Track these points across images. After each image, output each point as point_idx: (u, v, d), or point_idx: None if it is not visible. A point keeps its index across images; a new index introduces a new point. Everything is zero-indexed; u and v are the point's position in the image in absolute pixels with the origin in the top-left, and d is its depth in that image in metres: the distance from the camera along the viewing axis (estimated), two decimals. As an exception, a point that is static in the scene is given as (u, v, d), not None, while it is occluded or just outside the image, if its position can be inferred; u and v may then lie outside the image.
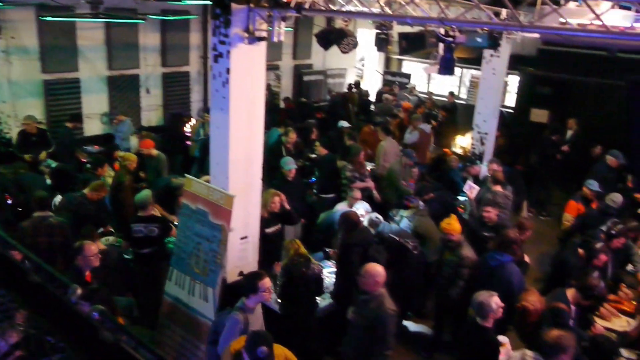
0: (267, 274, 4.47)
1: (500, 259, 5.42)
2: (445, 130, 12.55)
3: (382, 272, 4.57)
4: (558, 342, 3.80)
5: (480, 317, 4.41)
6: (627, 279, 6.26)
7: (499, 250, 5.53)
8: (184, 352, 5.47)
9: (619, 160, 8.46)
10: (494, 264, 5.44)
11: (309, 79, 15.50)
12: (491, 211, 6.51)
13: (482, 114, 9.32)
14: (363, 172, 8.30)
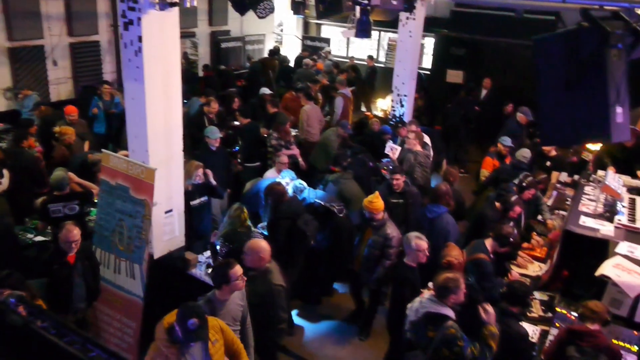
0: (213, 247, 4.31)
1: (437, 211, 5.96)
2: (364, 93, 12.70)
3: (266, 247, 4.53)
4: (445, 284, 4.05)
5: (406, 256, 4.93)
6: (538, 227, 6.70)
7: (433, 202, 6.06)
8: (114, 332, 5.34)
9: (528, 117, 8.94)
10: (432, 216, 5.97)
11: (227, 46, 15.09)
12: (399, 178, 6.38)
13: (400, 77, 9.49)
14: (289, 140, 8.28)
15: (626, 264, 4.60)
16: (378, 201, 5.52)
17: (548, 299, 5.27)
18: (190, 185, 5.92)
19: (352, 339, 6.04)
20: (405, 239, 4.99)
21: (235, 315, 4.30)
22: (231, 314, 4.24)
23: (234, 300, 4.25)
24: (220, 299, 4.14)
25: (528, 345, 4.35)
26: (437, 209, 5.98)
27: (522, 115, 8.95)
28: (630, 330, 4.41)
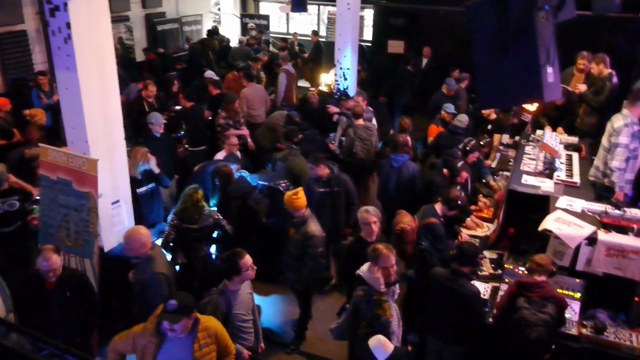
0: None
1: (401, 159, 6.53)
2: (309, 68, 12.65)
3: (145, 232, 4.47)
4: (373, 253, 4.10)
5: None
6: (484, 189, 6.91)
7: (395, 152, 6.59)
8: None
9: (451, 88, 9.01)
10: (398, 165, 6.52)
11: (164, 28, 14.65)
12: (323, 168, 6.02)
13: (342, 50, 9.49)
14: (238, 120, 8.18)
15: (566, 217, 4.83)
16: (301, 197, 5.14)
17: (497, 257, 5.48)
18: (139, 173, 5.80)
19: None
20: (359, 219, 4.95)
21: (249, 305, 4.30)
22: (245, 304, 4.24)
23: (245, 290, 4.26)
24: (232, 289, 4.12)
25: (480, 302, 4.53)
26: (400, 157, 6.56)
27: (445, 87, 9.07)
28: (572, 279, 4.66)
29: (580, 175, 5.82)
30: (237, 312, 4.15)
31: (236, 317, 4.16)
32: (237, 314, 4.16)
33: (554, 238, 4.69)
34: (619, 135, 5.64)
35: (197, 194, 5.29)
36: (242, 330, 4.24)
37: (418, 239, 5.24)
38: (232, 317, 4.12)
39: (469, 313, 4.28)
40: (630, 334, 4.42)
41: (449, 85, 8.99)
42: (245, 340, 4.27)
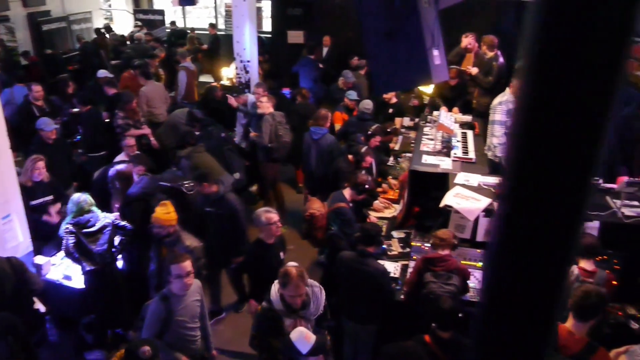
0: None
1: (320, 132, 6.80)
2: (209, 62, 12.41)
3: None
4: (283, 278, 3.85)
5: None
6: (390, 171, 7.15)
7: (316, 125, 6.85)
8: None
9: (348, 80, 9.18)
10: (317, 137, 6.79)
11: (50, 27, 13.75)
12: (210, 186, 5.50)
13: (240, 42, 9.39)
14: (137, 119, 7.86)
15: (464, 192, 5.11)
16: (171, 211, 4.72)
17: (405, 235, 5.70)
18: (30, 182, 5.44)
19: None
20: (255, 216, 4.78)
21: (194, 312, 4.14)
22: (189, 311, 4.08)
23: (192, 296, 4.09)
24: (177, 294, 3.98)
25: (388, 279, 4.68)
26: (319, 130, 6.83)
27: (342, 79, 9.18)
28: (474, 250, 4.94)
29: (475, 152, 6.16)
30: (179, 319, 4.01)
31: (178, 323, 4.02)
32: (180, 321, 4.02)
33: (454, 213, 4.94)
34: (495, 112, 6.04)
35: (88, 200, 5.04)
36: (185, 338, 4.11)
37: (328, 224, 5.33)
38: (173, 323, 3.98)
39: (378, 291, 4.43)
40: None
41: (346, 78, 9.07)
42: (189, 349, 4.14)
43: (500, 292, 0.77)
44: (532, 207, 0.70)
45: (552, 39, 0.64)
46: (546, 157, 0.68)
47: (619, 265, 4.65)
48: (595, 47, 0.62)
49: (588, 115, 0.65)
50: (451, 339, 3.54)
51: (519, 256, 0.74)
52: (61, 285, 5.30)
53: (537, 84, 0.67)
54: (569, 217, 0.70)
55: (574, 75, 0.64)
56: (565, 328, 3.30)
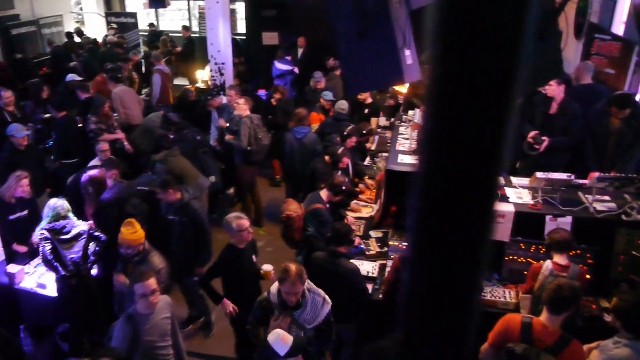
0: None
1: (303, 131, 7.02)
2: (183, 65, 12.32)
3: None
4: (283, 274, 3.90)
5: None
6: (367, 171, 7.17)
7: (298, 124, 7.05)
8: None
9: (317, 80, 9.19)
10: (300, 136, 6.98)
11: (19, 32, 13.47)
12: (173, 194, 5.37)
13: (214, 45, 9.33)
14: (111, 124, 7.76)
15: (440, 190, 5.14)
16: (138, 229, 4.59)
17: (382, 235, 5.72)
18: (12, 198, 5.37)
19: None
20: (225, 223, 4.69)
21: (164, 331, 4.02)
22: (158, 330, 3.97)
23: (160, 314, 3.97)
24: (140, 312, 3.84)
25: (360, 278, 4.66)
26: (302, 129, 7.02)
27: (312, 80, 9.15)
28: (451, 247, 4.98)
29: (450, 150, 6.21)
30: (148, 339, 3.90)
31: (147, 343, 3.91)
32: (149, 341, 3.91)
33: (430, 211, 4.97)
34: None
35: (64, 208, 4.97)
36: (156, 358, 4.01)
37: (305, 225, 5.33)
38: (142, 343, 3.87)
39: (351, 290, 4.43)
40: (504, 290, 4.82)
41: (316, 79, 9.07)
42: None
43: (418, 294, 0.78)
44: (440, 201, 0.71)
45: (450, 37, 0.65)
46: (450, 154, 0.69)
47: (592, 259, 4.74)
48: (490, 43, 0.63)
49: (488, 115, 0.66)
50: None
51: (430, 254, 0.74)
52: (35, 293, 5.22)
53: (438, 84, 0.68)
54: (475, 212, 0.71)
55: (473, 70, 0.65)
56: (539, 321, 3.35)
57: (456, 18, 0.63)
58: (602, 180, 4.97)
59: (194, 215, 5.33)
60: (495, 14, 0.61)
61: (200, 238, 5.39)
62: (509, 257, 4.95)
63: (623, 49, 6.45)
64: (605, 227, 4.77)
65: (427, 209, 0.71)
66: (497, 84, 0.64)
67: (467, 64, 0.63)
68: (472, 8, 0.61)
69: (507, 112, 0.65)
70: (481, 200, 0.69)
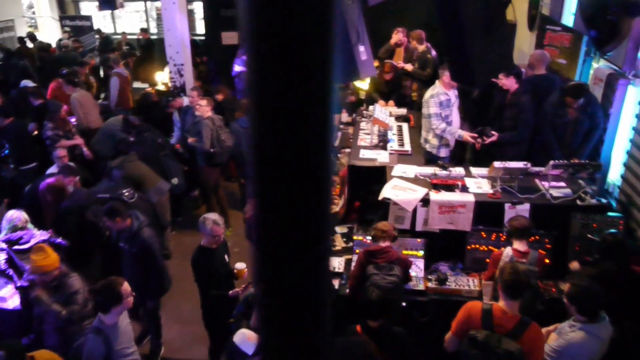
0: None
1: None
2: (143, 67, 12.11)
3: None
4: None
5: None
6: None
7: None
8: None
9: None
10: (247, 125, 6.39)
11: (-31, 38, 13.07)
12: (121, 222, 5.00)
13: (172, 46, 9.20)
14: (68, 129, 7.58)
15: (401, 184, 5.22)
16: (50, 254, 4.28)
17: (347, 230, 5.75)
18: None
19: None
20: (201, 221, 4.67)
21: (130, 336, 3.98)
22: (127, 336, 3.91)
23: (124, 320, 3.91)
24: (109, 324, 3.75)
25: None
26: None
27: None
28: (414, 239, 5.05)
29: (411, 144, 6.30)
30: (119, 349, 3.82)
31: (119, 353, 3.84)
32: (120, 350, 3.83)
33: (393, 205, 5.04)
34: (428, 106, 6.17)
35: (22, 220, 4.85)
36: (128, 357, 3.95)
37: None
38: (115, 354, 3.79)
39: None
40: (468, 279, 4.92)
41: None
42: None
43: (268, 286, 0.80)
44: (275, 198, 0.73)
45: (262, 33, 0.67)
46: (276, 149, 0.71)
47: (550, 244, 4.88)
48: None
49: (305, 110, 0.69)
50: (380, 327, 3.65)
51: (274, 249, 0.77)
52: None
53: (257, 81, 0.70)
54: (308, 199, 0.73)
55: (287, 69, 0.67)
56: (499, 307, 3.43)
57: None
58: (557, 167, 5.12)
59: (144, 245, 4.93)
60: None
61: (151, 269, 5.06)
62: (471, 246, 5.05)
63: (573, 40, 6.64)
64: (562, 212, 4.92)
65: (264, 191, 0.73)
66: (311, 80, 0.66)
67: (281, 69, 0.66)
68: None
69: (324, 99, 0.67)
70: (306, 179, 0.71)
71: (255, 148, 0.70)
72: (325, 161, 0.70)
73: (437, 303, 4.75)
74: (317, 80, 0.66)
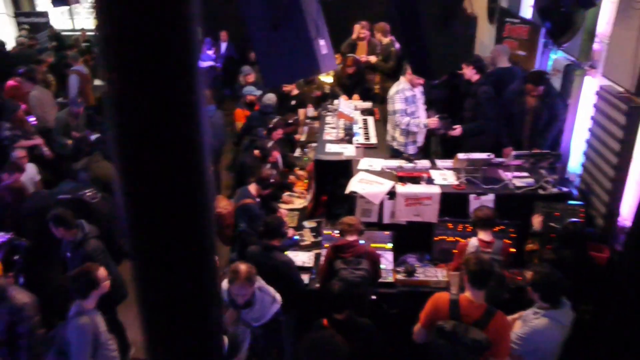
0: None
1: (212, 109, 7.58)
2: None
3: None
4: (232, 274, 3.93)
5: None
6: (297, 162, 7.17)
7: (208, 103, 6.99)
8: None
9: (246, 73, 9.09)
10: (211, 114, 7.40)
11: None
12: (67, 232, 4.71)
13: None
14: (27, 129, 7.35)
15: (368, 177, 5.23)
16: None
17: (316, 225, 5.73)
18: None
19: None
20: None
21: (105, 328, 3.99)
22: (104, 326, 3.94)
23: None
24: (90, 308, 3.84)
25: (294, 269, 4.67)
26: (210, 108, 7.47)
27: (241, 76, 9.06)
28: (382, 232, 5.07)
29: (376, 137, 6.31)
30: (102, 330, 3.86)
31: (105, 344, 3.89)
32: (103, 332, 3.88)
33: (359, 198, 5.05)
34: (393, 102, 6.15)
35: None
36: (110, 347, 3.95)
37: (236, 221, 5.27)
38: (101, 345, 3.82)
39: (287, 282, 4.44)
40: (436, 270, 4.97)
41: (244, 73, 8.97)
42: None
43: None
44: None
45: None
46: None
47: (514, 233, 4.97)
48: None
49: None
50: (346, 320, 3.67)
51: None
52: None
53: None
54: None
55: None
56: (465, 297, 3.47)
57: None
58: (519, 157, 5.22)
59: (86, 258, 4.49)
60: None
61: None
62: (438, 237, 5.11)
63: (531, 32, 6.75)
64: (525, 201, 5.01)
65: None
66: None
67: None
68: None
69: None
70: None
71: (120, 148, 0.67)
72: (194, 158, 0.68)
73: (406, 295, 4.78)
74: (181, 90, 0.64)
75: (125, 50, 0.62)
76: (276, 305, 3.95)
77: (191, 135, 0.66)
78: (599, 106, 5.01)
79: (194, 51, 0.64)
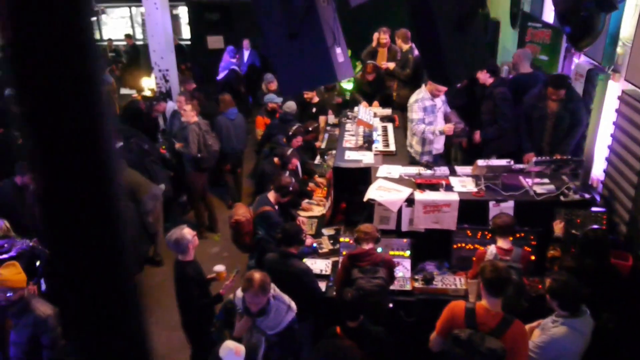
0: None
1: (234, 111, 7.87)
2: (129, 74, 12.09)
3: None
4: (247, 283, 3.87)
5: (182, 255, 4.50)
6: (317, 170, 7.19)
7: (230, 107, 7.90)
8: None
9: (269, 81, 9.18)
10: (234, 117, 7.82)
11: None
12: None
13: (157, 51, 9.19)
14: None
15: (386, 185, 5.22)
16: (21, 272, 4.00)
17: (335, 232, 5.75)
18: None
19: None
20: (174, 241, 4.48)
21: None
22: None
23: None
24: None
25: (311, 277, 4.67)
26: (232, 111, 7.84)
27: (264, 83, 9.13)
28: (400, 240, 5.05)
29: (395, 144, 6.30)
30: None
31: None
32: None
33: (378, 205, 5.05)
34: (411, 111, 6.14)
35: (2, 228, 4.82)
36: None
37: (254, 229, 5.31)
38: None
39: (303, 290, 4.44)
40: (454, 278, 4.93)
41: (267, 81, 9.06)
42: None
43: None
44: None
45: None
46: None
47: (535, 240, 4.90)
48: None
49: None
50: (358, 328, 3.67)
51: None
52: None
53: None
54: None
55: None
56: (482, 305, 3.44)
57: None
58: (540, 163, 5.15)
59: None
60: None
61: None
62: (457, 244, 5.06)
63: (553, 36, 6.68)
64: (546, 208, 4.93)
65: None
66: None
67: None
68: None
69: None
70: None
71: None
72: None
73: (424, 303, 4.74)
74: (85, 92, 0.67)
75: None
76: (291, 314, 3.95)
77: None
78: (621, 111, 4.93)
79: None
